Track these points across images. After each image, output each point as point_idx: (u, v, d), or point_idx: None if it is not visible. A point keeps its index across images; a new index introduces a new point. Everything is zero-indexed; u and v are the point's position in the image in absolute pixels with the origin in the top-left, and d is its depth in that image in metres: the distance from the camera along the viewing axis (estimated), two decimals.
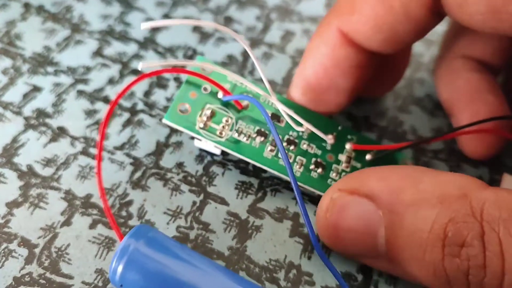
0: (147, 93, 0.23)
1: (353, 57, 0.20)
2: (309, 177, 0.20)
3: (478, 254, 0.14)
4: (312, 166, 0.20)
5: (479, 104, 0.21)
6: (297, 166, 0.20)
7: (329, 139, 0.20)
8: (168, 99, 0.23)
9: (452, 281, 0.14)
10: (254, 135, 0.20)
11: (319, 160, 0.20)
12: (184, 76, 0.24)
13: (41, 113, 0.22)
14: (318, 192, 0.20)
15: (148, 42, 0.25)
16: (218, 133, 0.20)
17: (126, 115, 0.22)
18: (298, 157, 0.20)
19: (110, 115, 0.19)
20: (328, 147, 0.20)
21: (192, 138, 0.21)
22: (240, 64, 0.25)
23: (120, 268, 0.16)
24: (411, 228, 0.15)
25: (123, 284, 0.16)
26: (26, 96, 0.22)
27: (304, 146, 0.20)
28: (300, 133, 0.20)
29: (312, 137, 0.20)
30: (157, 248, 0.16)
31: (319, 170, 0.20)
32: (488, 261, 0.13)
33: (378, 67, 0.21)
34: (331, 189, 0.17)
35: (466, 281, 0.14)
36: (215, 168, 0.21)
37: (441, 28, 0.23)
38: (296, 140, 0.20)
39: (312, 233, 0.16)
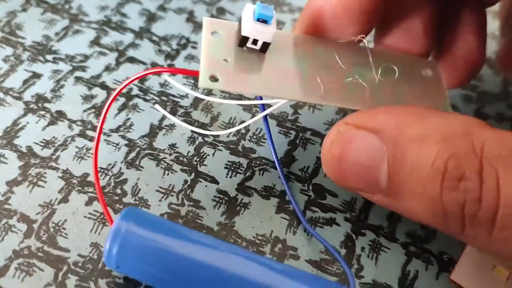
0: (142, 80, 0.24)
1: None
2: None
3: (475, 188, 0.14)
4: None
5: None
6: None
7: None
8: (162, 85, 0.24)
9: (449, 214, 0.15)
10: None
11: None
12: (178, 63, 0.25)
13: (40, 98, 0.23)
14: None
15: (143, 32, 0.26)
16: None
17: (121, 100, 0.23)
18: None
19: (111, 105, 0.19)
20: None
21: None
22: None
23: (115, 250, 0.16)
24: (413, 163, 0.15)
25: (119, 265, 0.17)
26: (26, 82, 0.23)
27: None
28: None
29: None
30: (147, 226, 0.17)
31: None
32: (484, 195, 0.14)
33: None
34: (339, 123, 0.17)
35: (462, 214, 0.14)
36: (206, 149, 0.22)
37: None
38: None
39: (297, 207, 0.17)
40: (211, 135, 0.22)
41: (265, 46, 0.18)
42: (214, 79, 0.17)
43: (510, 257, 0.16)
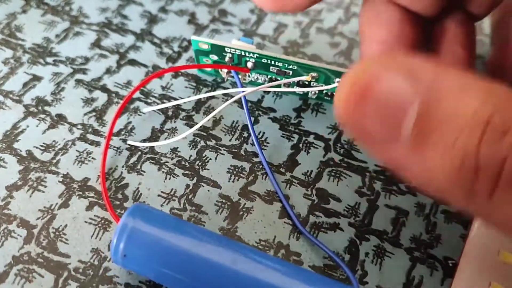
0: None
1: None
2: None
3: None
4: None
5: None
6: None
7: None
8: (163, 88, 0.24)
9: (483, 170, 0.13)
10: None
11: None
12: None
13: (40, 101, 0.22)
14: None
15: (144, 34, 0.26)
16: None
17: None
18: None
19: (121, 111, 0.19)
20: None
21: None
22: None
23: (122, 245, 0.16)
24: (449, 110, 0.13)
25: (125, 261, 0.17)
26: (26, 85, 0.23)
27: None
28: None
29: None
30: (153, 222, 0.17)
31: None
32: None
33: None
34: (365, 59, 0.16)
35: (499, 171, 0.13)
36: (208, 153, 0.21)
37: None
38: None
39: (295, 216, 0.16)
40: (213, 139, 0.22)
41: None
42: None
43: None
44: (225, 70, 0.23)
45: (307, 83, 0.22)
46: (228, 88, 0.24)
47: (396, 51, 0.17)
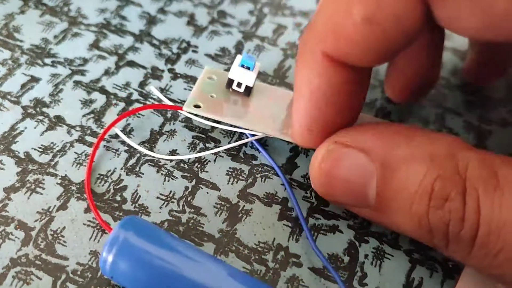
0: (142, 84, 0.24)
1: (345, 75, 0.17)
2: None
3: (459, 208, 0.15)
4: None
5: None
6: None
7: None
8: (162, 89, 0.24)
9: (434, 231, 0.16)
10: None
11: None
12: (179, 67, 0.24)
13: (38, 103, 0.22)
14: None
15: (143, 35, 0.26)
16: None
17: (121, 105, 0.23)
18: None
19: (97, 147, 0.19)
20: None
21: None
22: (233, 56, 0.25)
23: (110, 258, 0.16)
24: (401, 182, 0.16)
25: (113, 276, 0.16)
26: (24, 86, 0.23)
27: None
28: None
29: None
30: (147, 238, 0.17)
31: None
32: (467, 215, 0.15)
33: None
34: (328, 141, 0.18)
35: (447, 231, 0.15)
36: (207, 155, 0.21)
37: None
38: None
39: (301, 215, 0.16)
40: (212, 141, 0.22)
41: (248, 89, 0.21)
42: (197, 106, 0.21)
43: (491, 275, 0.16)
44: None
45: None
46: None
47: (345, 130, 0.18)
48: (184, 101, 0.23)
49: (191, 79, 0.24)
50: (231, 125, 0.21)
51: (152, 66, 0.24)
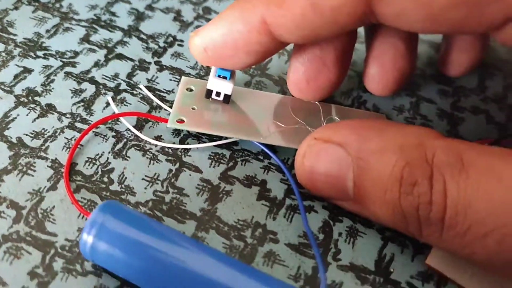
0: (130, 75, 0.25)
1: (264, 44, 0.20)
2: None
3: (426, 192, 0.16)
4: None
5: None
6: None
7: None
8: (149, 80, 0.25)
9: (407, 216, 0.17)
10: None
11: None
12: (165, 60, 0.26)
13: (31, 92, 0.23)
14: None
15: (132, 30, 0.27)
16: None
17: (110, 94, 0.24)
18: None
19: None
20: None
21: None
22: None
23: (90, 240, 0.17)
24: (375, 172, 0.17)
25: (94, 259, 0.17)
26: (17, 77, 0.24)
27: None
28: None
29: None
30: (125, 220, 0.17)
31: None
32: (434, 198, 0.16)
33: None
34: (308, 137, 0.19)
35: (417, 215, 0.16)
36: (190, 141, 0.22)
37: None
38: None
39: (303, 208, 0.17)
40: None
41: (227, 97, 0.22)
42: (180, 120, 0.22)
43: (463, 256, 0.17)
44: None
45: None
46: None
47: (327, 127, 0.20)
48: (170, 91, 0.24)
49: (176, 71, 0.25)
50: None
51: (139, 59, 0.26)
